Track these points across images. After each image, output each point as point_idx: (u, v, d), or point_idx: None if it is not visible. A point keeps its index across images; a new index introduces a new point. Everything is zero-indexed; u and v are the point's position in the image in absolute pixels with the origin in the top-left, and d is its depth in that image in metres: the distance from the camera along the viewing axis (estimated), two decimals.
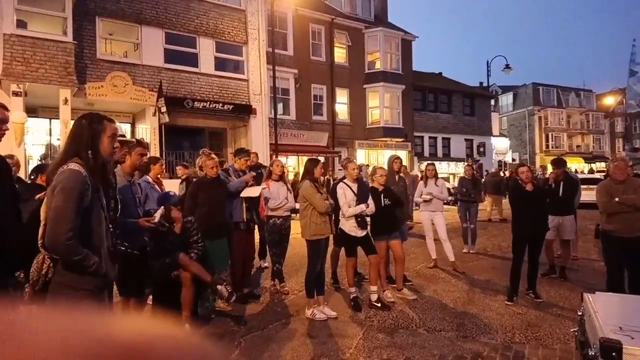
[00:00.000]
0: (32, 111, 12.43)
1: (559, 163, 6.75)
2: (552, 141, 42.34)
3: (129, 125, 15.27)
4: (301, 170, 7.57)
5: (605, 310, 2.14)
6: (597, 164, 41.52)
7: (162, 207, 3.93)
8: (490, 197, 13.81)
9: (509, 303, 5.18)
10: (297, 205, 5.42)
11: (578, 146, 44.58)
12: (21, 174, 6.65)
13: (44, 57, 11.36)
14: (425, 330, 4.43)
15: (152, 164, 5.13)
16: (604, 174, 15.95)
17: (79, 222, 2.13)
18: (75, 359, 0.28)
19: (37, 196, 3.01)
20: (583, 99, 45.72)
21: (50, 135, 13.75)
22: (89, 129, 2.29)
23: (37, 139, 13.22)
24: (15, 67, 11.03)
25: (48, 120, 13.61)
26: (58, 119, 11.81)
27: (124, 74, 13.04)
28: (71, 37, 11.85)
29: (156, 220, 3.52)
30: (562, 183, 6.48)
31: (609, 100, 43.03)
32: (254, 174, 5.62)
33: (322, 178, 6.52)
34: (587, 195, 7.72)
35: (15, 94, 10.98)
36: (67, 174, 2.14)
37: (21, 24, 11.54)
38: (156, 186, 5.08)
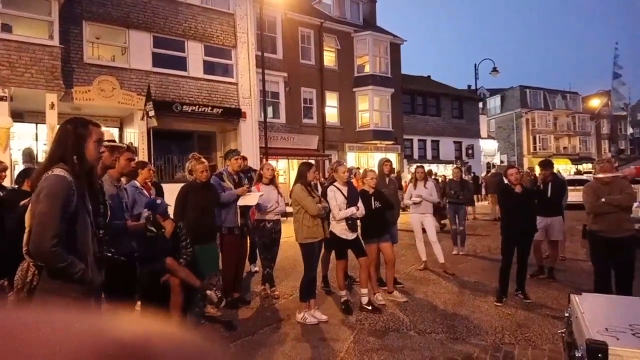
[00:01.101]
0: (18, 116, 12.26)
1: (546, 165, 6.82)
2: (539, 143, 42.90)
3: (116, 129, 15.13)
4: (292, 174, 7.53)
5: (592, 311, 2.15)
6: (584, 165, 42.13)
7: (147, 209, 3.89)
8: (493, 197, 14.00)
9: (498, 304, 5.21)
10: (289, 209, 5.41)
11: (565, 148, 45.21)
12: (6, 180, 6.55)
13: (30, 61, 11.21)
14: (416, 333, 4.44)
15: (140, 169, 5.08)
16: (590, 174, 16.19)
17: (65, 228, 2.10)
18: (76, 357, 0.28)
19: (22, 202, 2.97)
20: (569, 101, 46.41)
21: (37, 140, 13.58)
22: (74, 134, 2.26)
23: (23, 144, 13.03)
24: (1, 72, 10.87)
25: (34, 125, 13.42)
26: (44, 123, 11.67)
27: (112, 78, 12.92)
28: (58, 41, 11.71)
29: (142, 220, 3.49)
30: (550, 184, 6.55)
31: (595, 102, 43.76)
32: (248, 186, 5.53)
33: (315, 181, 6.53)
34: (575, 196, 7.82)
35: (1, 98, 10.83)
36: (52, 180, 2.11)
37: (6, 28, 11.39)
38: (144, 191, 5.03)
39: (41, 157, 12.24)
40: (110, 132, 3.64)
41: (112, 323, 0.33)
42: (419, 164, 8.08)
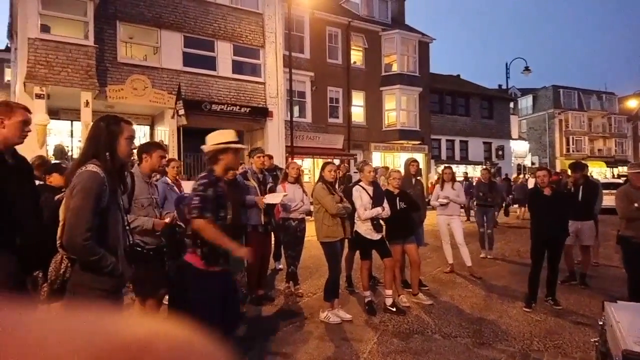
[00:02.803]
0: (54, 113, 12.73)
1: (576, 167, 6.60)
2: (572, 144, 41.54)
3: (148, 127, 15.50)
4: (317, 173, 7.52)
5: (628, 321, 2.07)
6: (620, 168, 40.57)
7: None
8: None
9: (527, 310, 5.08)
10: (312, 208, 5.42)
11: (599, 150, 43.64)
12: None
13: (66, 61, 11.62)
14: (441, 336, 4.37)
15: (168, 166, 5.17)
16: (624, 178, 15.60)
17: (97, 222, 2.17)
18: (80, 358, 0.28)
19: (57, 197, 3.07)
20: (605, 101, 44.76)
21: (72, 136, 14.05)
22: (107, 131, 2.33)
23: (58, 141, 13.52)
24: (39, 71, 11.30)
25: (70, 122, 13.92)
26: (79, 121, 12.06)
27: (144, 77, 13.25)
28: (92, 41, 12.10)
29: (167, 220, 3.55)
30: (581, 187, 6.34)
31: (632, 103, 42.05)
32: (264, 198, 5.49)
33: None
34: (610, 200, 7.55)
35: (38, 96, 11.25)
36: (86, 176, 2.18)
37: (45, 28, 11.83)
38: (175, 187, 5.13)
39: (76, 154, 12.65)
40: (164, 149, 3.86)
41: (113, 324, 0.33)
42: (446, 165, 7.96)
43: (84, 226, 2.10)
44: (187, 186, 6.18)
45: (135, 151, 3.31)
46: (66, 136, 14.04)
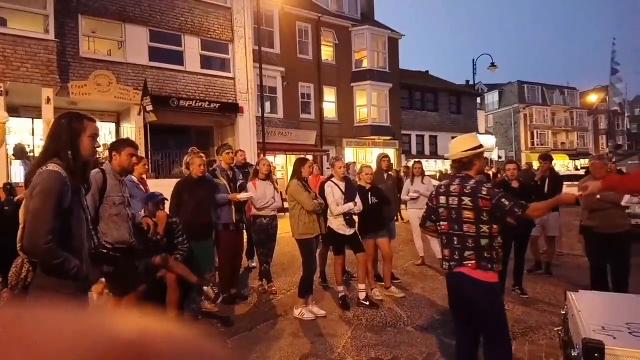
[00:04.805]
0: (13, 111, 12.17)
1: (546, 157, 6.85)
2: (537, 138, 42.95)
3: (113, 124, 15.06)
4: (290, 170, 7.48)
5: (589, 310, 2.14)
6: (582, 160, 42.22)
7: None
8: None
9: None
10: (286, 205, 5.40)
11: (563, 143, 45.28)
12: (2, 176, 6.51)
13: (26, 56, 11.13)
14: (414, 328, 4.44)
15: (136, 164, 5.05)
16: (585, 170, 16.22)
17: (59, 224, 2.08)
18: (74, 357, 0.27)
19: (17, 198, 2.95)
20: (567, 96, 46.43)
21: (33, 135, 13.51)
22: (69, 129, 2.23)
23: (19, 139, 12.96)
24: None
25: (30, 120, 13.34)
26: (41, 118, 11.60)
27: (108, 73, 12.83)
28: (53, 35, 11.63)
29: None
30: (547, 180, 6.56)
31: (593, 98, 43.75)
32: (244, 195, 5.47)
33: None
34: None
35: None
36: (46, 175, 2.09)
37: (1, 22, 11.30)
38: (141, 186, 5.01)
39: (37, 153, 12.17)
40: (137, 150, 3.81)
41: (109, 321, 0.32)
42: (416, 160, 8.09)
43: (45, 229, 2.01)
44: (153, 185, 6.05)
45: (100, 149, 3.21)
46: (27, 135, 13.45)
